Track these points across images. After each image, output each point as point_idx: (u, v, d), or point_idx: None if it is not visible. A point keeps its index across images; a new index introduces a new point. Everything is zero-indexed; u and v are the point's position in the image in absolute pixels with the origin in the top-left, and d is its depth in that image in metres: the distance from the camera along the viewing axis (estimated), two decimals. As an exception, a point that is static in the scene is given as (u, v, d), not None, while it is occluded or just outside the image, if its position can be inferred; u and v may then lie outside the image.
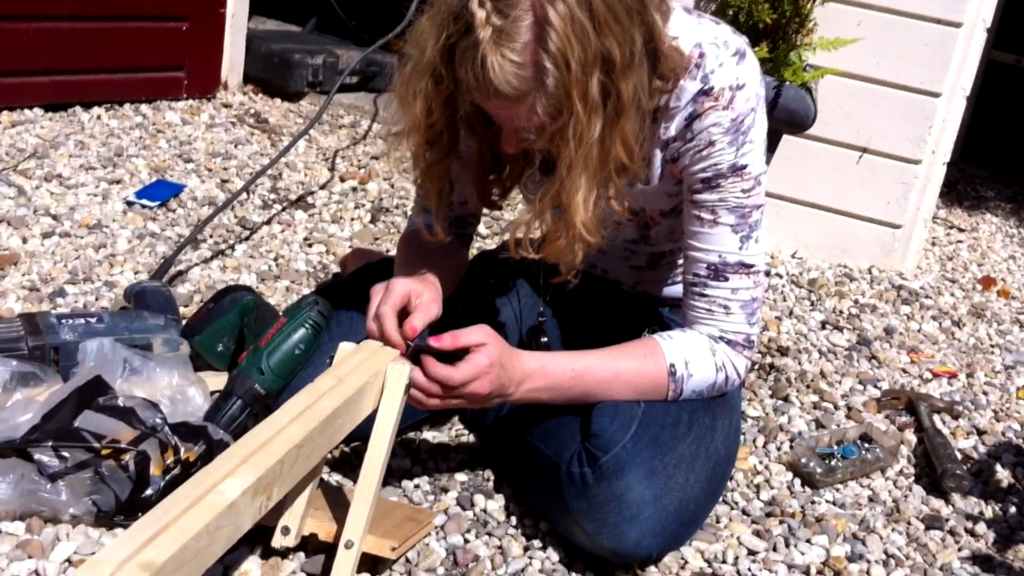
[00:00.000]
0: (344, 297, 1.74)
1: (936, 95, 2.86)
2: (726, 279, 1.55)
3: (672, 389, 1.57)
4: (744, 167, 1.50)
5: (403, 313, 1.47)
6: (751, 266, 1.56)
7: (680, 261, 1.79)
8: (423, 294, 1.50)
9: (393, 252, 2.44)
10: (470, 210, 1.75)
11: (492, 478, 1.72)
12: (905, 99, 2.88)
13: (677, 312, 1.82)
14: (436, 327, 1.47)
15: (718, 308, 1.57)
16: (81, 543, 1.40)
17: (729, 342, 1.59)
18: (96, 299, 2.09)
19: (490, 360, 1.41)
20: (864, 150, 2.96)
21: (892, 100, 2.89)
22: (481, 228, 2.70)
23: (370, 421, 1.39)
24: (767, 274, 1.60)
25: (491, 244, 2.68)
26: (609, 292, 1.85)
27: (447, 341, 1.41)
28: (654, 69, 1.37)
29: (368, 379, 1.36)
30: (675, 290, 1.82)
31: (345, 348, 1.44)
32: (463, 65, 1.31)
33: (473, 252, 1.92)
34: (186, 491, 1.07)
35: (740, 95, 1.47)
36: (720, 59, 1.46)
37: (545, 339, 1.80)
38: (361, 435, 1.42)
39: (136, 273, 2.22)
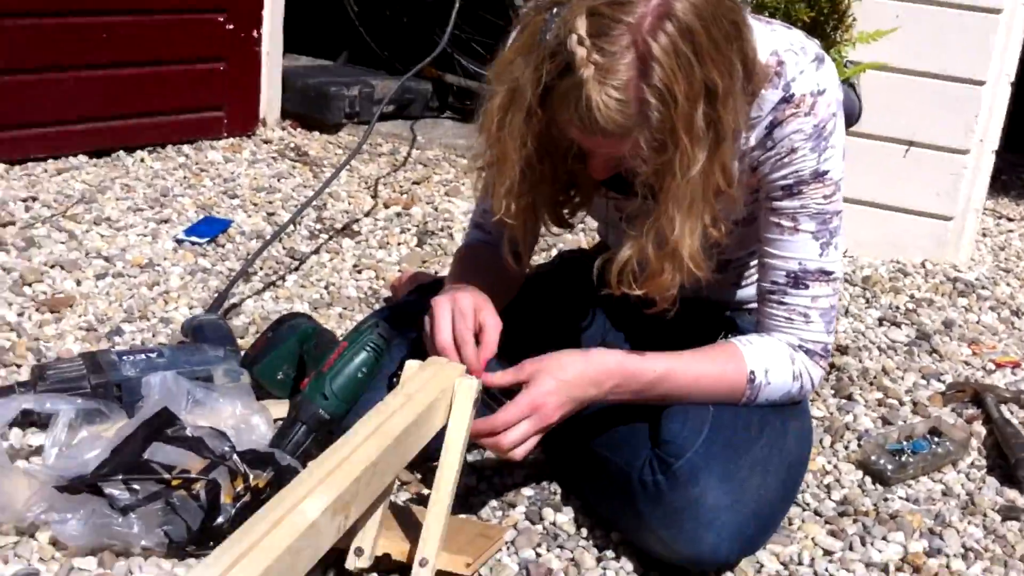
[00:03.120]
0: (401, 319, 1.73)
1: (980, 83, 2.82)
2: (806, 286, 1.53)
3: (747, 395, 1.54)
4: (826, 173, 1.48)
5: None
6: (831, 273, 1.54)
7: (745, 265, 1.76)
8: (484, 308, 1.49)
9: (443, 272, 2.44)
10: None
11: (559, 491, 1.70)
12: (949, 89, 2.84)
13: (739, 315, 1.80)
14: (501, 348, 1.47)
15: (798, 316, 1.55)
16: (154, 575, 1.40)
17: (808, 351, 1.57)
18: (153, 335, 2.10)
19: (548, 385, 1.42)
20: (910, 143, 2.92)
21: (936, 91, 2.85)
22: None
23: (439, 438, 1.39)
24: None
25: (538, 259, 2.67)
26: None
27: (507, 376, 1.44)
28: (746, 89, 1.35)
29: (437, 395, 1.36)
30: (741, 294, 1.80)
31: (412, 366, 1.44)
32: (565, 104, 1.28)
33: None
34: (266, 513, 1.07)
35: (821, 100, 1.45)
36: (800, 66, 1.45)
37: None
38: (428, 454, 1.42)
39: (191, 308, 2.23)
